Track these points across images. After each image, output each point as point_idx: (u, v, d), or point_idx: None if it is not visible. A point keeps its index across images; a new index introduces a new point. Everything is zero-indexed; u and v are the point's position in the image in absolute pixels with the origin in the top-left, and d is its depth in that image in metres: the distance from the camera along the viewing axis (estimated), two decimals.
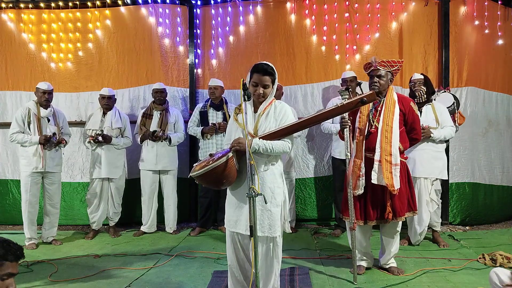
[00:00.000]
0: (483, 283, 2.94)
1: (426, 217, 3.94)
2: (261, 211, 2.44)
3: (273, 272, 2.54)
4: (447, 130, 3.92)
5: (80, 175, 5.21)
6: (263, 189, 2.46)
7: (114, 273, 3.39)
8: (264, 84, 2.49)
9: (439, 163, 3.97)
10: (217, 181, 2.41)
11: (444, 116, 3.97)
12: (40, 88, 4.24)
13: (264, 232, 2.45)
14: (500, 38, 5.02)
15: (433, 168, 3.93)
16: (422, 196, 3.91)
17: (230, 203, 2.58)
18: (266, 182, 2.49)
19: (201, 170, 2.36)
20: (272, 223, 2.46)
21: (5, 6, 5.27)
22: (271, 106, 2.56)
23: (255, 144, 2.39)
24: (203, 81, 5.26)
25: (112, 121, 4.59)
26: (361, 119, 3.16)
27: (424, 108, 3.95)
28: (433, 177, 3.96)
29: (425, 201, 3.93)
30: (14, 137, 4.20)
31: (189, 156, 5.23)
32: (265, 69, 2.47)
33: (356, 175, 3.10)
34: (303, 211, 5.10)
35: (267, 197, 2.43)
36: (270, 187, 2.48)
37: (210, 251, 3.99)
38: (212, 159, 2.42)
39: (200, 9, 5.24)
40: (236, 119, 2.59)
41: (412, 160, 3.86)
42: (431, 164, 3.93)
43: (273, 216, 2.46)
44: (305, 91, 5.10)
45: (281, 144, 2.48)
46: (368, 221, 3.14)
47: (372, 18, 5.01)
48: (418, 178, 3.90)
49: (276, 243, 2.51)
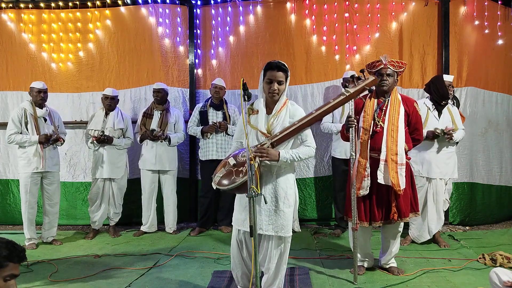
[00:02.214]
0: (483, 283, 2.94)
1: (443, 216, 4.02)
2: (275, 211, 2.49)
3: (280, 272, 2.59)
4: (462, 133, 4.01)
5: (82, 175, 5.21)
6: (277, 190, 2.51)
7: (114, 273, 3.39)
8: (278, 80, 2.50)
9: (452, 163, 4.03)
10: (245, 189, 2.36)
11: (458, 119, 4.04)
12: (35, 87, 4.22)
13: (278, 232, 2.50)
14: (500, 38, 5.02)
15: (448, 168, 3.99)
16: (439, 196, 3.95)
17: (240, 203, 2.60)
18: (280, 183, 2.52)
19: (233, 185, 2.37)
20: (285, 223, 2.51)
21: (5, 6, 5.27)
22: (286, 107, 2.56)
23: (283, 158, 2.43)
24: (203, 81, 5.26)
25: (115, 122, 4.59)
26: (366, 119, 3.15)
27: (444, 110, 3.98)
28: (448, 177, 4.01)
29: (442, 201, 3.98)
30: (12, 138, 4.17)
31: (189, 156, 5.23)
32: (279, 65, 2.50)
33: (361, 175, 3.08)
34: (303, 211, 5.10)
35: (280, 198, 2.50)
36: (283, 187, 2.52)
37: (210, 251, 3.99)
38: (236, 169, 2.41)
39: (200, 9, 5.24)
40: (249, 121, 2.57)
41: (428, 161, 3.93)
42: (447, 165, 3.97)
43: (286, 216, 2.51)
44: (305, 91, 5.10)
45: (307, 151, 2.54)
46: (373, 222, 3.13)
47: (372, 18, 5.01)
48: (433, 179, 3.94)
49: (287, 243, 2.57)
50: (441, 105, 3.94)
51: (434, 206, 3.95)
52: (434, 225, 3.97)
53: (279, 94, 2.52)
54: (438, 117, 3.93)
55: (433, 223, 3.96)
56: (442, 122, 3.90)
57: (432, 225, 3.96)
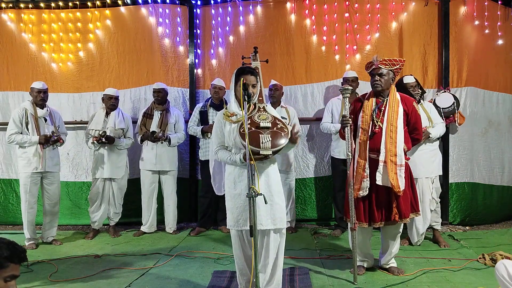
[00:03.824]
0: (483, 283, 2.95)
1: (430, 216, 3.97)
2: (271, 206, 2.54)
3: (278, 268, 2.62)
4: (441, 127, 3.97)
5: (85, 175, 5.23)
6: (271, 184, 2.57)
7: (114, 273, 3.39)
8: (253, 84, 2.59)
9: (436, 160, 4.04)
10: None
11: (434, 114, 4.03)
12: (35, 87, 4.22)
13: (276, 225, 2.56)
14: (500, 38, 5.02)
15: (433, 166, 3.98)
16: (425, 196, 3.92)
17: (236, 205, 2.58)
18: (271, 177, 2.59)
19: (288, 138, 2.47)
20: (282, 216, 2.59)
21: (5, 6, 5.27)
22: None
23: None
24: (203, 81, 5.26)
25: (116, 122, 4.59)
26: (364, 119, 3.14)
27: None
28: (433, 175, 4.00)
29: (428, 201, 3.95)
30: (13, 138, 4.18)
31: (189, 156, 5.23)
32: (249, 70, 2.61)
33: (360, 176, 3.07)
34: (303, 211, 5.10)
35: (274, 191, 2.57)
36: (275, 181, 2.61)
37: (210, 251, 3.99)
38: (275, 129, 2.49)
39: (200, 9, 5.24)
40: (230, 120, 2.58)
41: (413, 161, 3.85)
42: (432, 163, 3.97)
43: (282, 208, 2.60)
44: (305, 91, 5.10)
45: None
46: (372, 223, 3.12)
47: (372, 18, 5.01)
48: (419, 178, 3.90)
49: (283, 235, 2.63)
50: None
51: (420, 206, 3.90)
52: (421, 225, 3.93)
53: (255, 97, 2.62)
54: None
55: (420, 223, 3.93)
56: None
57: (419, 225, 3.93)
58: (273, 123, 2.50)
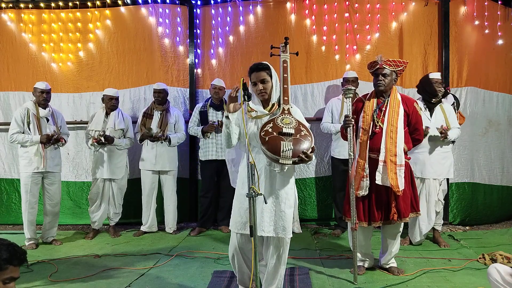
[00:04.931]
0: (483, 283, 2.94)
1: (434, 217, 3.95)
2: (275, 212, 2.46)
3: (279, 273, 2.56)
4: (456, 131, 3.90)
5: (85, 175, 5.23)
6: (278, 190, 2.47)
7: (114, 273, 3.39)
8: (261, 79, 2.49)
9: (447, 163, 3.97)
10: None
11: (453, 117, 3.94)
12: (38, 87, 4.24)
13: (278, 234, 2.46)
14: (500, 38, 5.02)
15: (443, 168, 3.93)
16: (431, 197, 3.90)
17: (240, 206, 2.53)
18: (280, 183, 2.49)
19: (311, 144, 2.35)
20: (286, 225, 2.47)
21: (5, 6, 5.27)
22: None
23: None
24: (203, 81, 5.26)
25: (116, 122, 4.59)
26: (365, 119, 3.14)
27: (436, 109, 3.90)
28: (442, 177, 3.96)
29: (434, 202, 3.93)
30: (15, 137, 4.19)
31: (189, 156, 5.23)
32: (259, 66, 2.51)
33: (359, 176, 3.08)
34: (303, 211, 5.10)
35: (281, 198, 2.47)
36: (284, 188, 2.49)
37: (210, 251, 3.99)
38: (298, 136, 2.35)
39: (200, 9, 5.24)
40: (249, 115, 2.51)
41: (421, 161, 3.87)
42: (441, 165, 3.92)
43: (287, 217, 2.47)
44: (305, 91, 5.10)
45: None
46: (372, 222, 3.12)
47: (372, 18, 5.00)
48: (427, 179, 3.89)
49: (286, 244, 2.52)
50: (432, 103, 3.87)
51: (425, 206, 3.88)
52: (425, 225, 3.92)
53: (267, 93, 2.52)
54: (430, 117, 3.86)
55: (424, 224, 3.92)
56: (435, 122, 3.84)
57: (422, 225, 3.92)
58: (296, 129, 2.36)
